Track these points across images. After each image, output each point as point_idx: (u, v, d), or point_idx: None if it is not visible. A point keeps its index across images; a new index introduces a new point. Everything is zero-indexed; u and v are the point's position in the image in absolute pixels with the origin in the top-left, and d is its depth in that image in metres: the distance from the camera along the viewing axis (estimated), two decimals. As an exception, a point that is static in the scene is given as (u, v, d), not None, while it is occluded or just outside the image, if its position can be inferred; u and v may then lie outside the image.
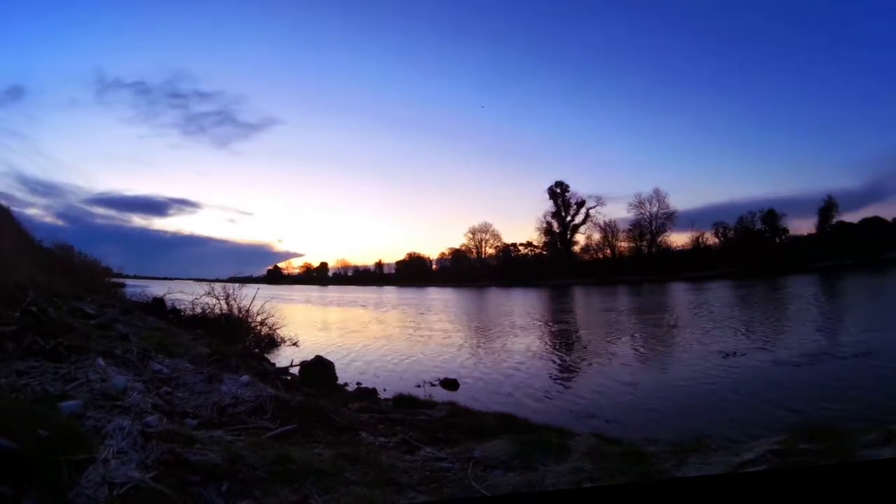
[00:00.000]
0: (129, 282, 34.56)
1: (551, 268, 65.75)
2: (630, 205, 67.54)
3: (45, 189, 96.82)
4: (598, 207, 70.06)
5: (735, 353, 13.01)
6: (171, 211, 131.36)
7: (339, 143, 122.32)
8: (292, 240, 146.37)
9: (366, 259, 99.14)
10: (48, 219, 68.82)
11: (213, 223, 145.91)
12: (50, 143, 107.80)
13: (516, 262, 72.38)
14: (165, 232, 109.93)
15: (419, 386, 10.65)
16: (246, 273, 74.30)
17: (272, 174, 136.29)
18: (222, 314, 13.70)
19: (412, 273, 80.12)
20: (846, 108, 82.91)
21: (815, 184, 78.85)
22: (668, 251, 65.74)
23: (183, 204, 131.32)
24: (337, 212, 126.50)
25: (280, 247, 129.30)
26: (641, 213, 66.63)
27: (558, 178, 72.58)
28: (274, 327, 14.38)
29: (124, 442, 3.11)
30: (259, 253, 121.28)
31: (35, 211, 66.72)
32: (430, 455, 4.33)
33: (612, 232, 68.65)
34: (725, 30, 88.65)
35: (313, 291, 70.59)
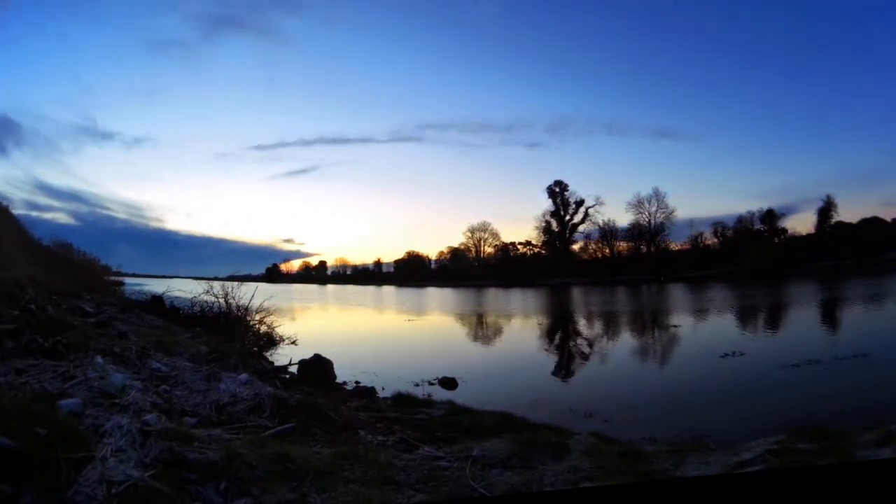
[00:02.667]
0: (128, 280, 34.52)
1: (550, 267, 65.74)
2: (629, 204, 67.51)
3: (66, 195, 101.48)
4: (597, 207, 70.07)
5: (733, 353, 13.02)
6: (176, 215, 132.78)
7: (340, 142, 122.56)
8: (293, 239, 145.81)
9: (364, 258, 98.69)
10: (63, 220, 71.49)
11: (217, 224, 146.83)
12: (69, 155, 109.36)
13: (515, 261, 72.33)
14: (178, 233, 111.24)
15: (418, 385, 10.63)
16: (244, 272, 74.36)
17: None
18: (221, 312, 13.68)
19: (411, 272, 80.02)
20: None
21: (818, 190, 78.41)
22: (667, 251, 65.77)
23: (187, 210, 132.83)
24: (336, 210, 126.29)
25: (284, 246, 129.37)
26: (640, 213, 66.69)
27: (557, 178, 72.61)
28: (272, 325, 14.37)
29: (123, 440, 3.11)
30: (262, 252, 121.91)
31: (53, 214, 69.55)
32: (429, 454, 4.34)
33: (611, 232, 68.65)
34: (726, 34, 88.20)
35: (312, 291, 70.59)
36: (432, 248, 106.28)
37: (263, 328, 13.92)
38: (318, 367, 9.51)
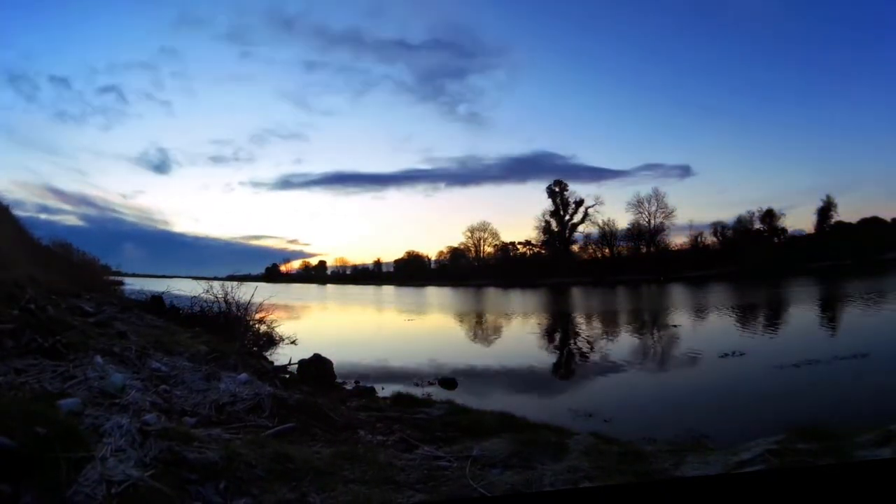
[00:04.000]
0: (127, 279, 34.48)
1: (550, 267, 65.73)
2: (629, 204, 67.48)
3: (76, 199, 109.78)
4: (596, 206, 70.05)
5: (733, 353, 13.03)
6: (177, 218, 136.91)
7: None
8: (297, 240, 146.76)
9: (364, 257, 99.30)
10: (73, 222, 75.77)
11: (224, 226, 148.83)
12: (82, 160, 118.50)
13: (515, 261, 72.32)
14: (185, 235, 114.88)
15: (417, 384, 10.65)
16: (247, 272, 74.83)
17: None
18: (221, 312, 13.67)
19: (411, 272, 80.00)
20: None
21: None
22: (667, 251, 65.76)
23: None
24: (336, 211, 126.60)
25: (289, 247, 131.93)
26: (640, 213, 66.66)
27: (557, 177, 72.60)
28: (272, 325, 14.38)
29: (122, 440, 3.11)
30: (267, 253, 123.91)
31: (64, 217, 74.54)
32: (429, 454, 4.34)
33: (611, 232, 68.63)
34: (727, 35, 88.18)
35: (312, 291, 70.59)
36: (432, 248, 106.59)
37: (263, 328, 13.92)
38: (317, 367, 9.52)
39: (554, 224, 71.90)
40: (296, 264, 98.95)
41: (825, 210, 60.43)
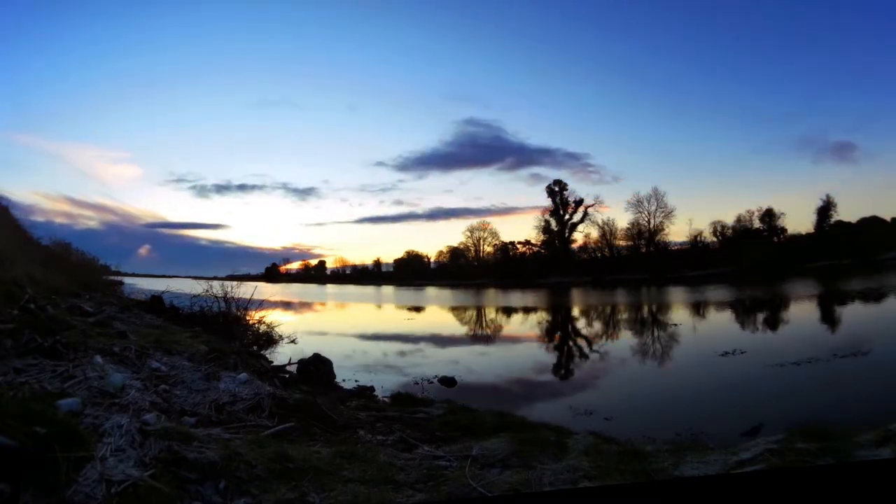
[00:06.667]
0: (127, 279, 34.43)
1: (549, 267, 65.76)
2: (629, 203, 67.47)
3: (95, 206, 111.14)
4: (596, 206, 70.05)
5: (734, 352, 13.04)
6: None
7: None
8: (302, 242, 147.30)
9: (364, 257, 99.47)
10: (93, 226, 79.03)
11: (234, 229, 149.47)
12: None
13: (514, 260, 72.32)
14: (198, 239, 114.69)
15: (417, 384, 10.63)
16: (246, 272, 75.30)
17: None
18: (220, 312, 13.68)
19: (410, 272, 80.00)
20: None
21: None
22: (667, 251, 65.75)
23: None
24: (339, 211, 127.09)
25: (297, 247, 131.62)
26: (640, 212, 66.64)
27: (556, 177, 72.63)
28: (272, 325, 14.40)
29: (122, 439, 3.11)
30: (273, 255, 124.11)
31: (85, 222, 77.44)
32: (428, 453, 4.34)
33: (611, 231, 68.63)
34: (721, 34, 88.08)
35: (312, 291, 70.60)
36: (432, 248, 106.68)
37: (263, 327, 13.94)
38: (317, 367, 9.50)
39: (553, 223, 71.97)
40: (295, 264, 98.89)
41: (825, 210, 60.46)
